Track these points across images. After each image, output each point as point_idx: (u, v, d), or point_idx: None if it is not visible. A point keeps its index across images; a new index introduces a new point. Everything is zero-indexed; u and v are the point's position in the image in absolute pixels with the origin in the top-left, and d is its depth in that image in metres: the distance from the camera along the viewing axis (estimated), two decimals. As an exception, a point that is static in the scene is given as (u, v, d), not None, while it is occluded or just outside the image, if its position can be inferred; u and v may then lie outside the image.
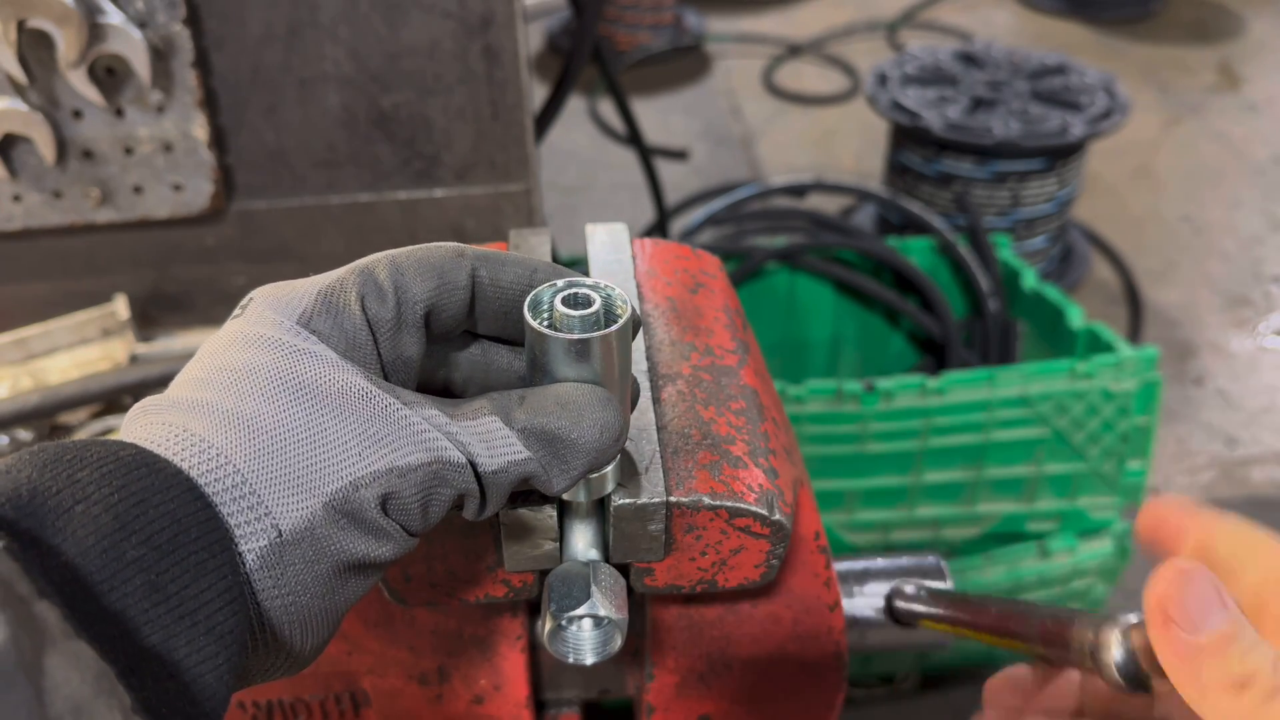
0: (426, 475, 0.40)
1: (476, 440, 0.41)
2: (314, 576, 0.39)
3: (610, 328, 0.42)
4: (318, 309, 0.42)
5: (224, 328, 0.44)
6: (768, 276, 1.65)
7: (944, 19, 3.61)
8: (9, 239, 1.04)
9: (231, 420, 0.39)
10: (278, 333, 0.41)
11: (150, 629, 0.34)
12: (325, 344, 0.42)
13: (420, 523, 0.41)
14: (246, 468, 0.38)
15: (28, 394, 0.98)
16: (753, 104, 3.15)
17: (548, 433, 0.42)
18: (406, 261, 0.44)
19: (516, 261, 0.46)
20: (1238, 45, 3.46)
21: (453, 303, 0.44)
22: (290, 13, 0.99)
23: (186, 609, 0.35)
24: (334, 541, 0.39)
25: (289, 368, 0.40)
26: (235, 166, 1.05)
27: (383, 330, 0.43)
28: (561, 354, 0.42)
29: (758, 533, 0.51)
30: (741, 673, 0.59)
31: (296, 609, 0.39)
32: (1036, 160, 2.11)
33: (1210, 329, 2.24)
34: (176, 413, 0.40)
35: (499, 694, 0.60)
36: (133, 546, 0.34)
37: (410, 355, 0.44)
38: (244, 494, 0.38)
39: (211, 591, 0.36)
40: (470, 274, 0.45)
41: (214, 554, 0.36)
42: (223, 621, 0.36)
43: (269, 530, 0.38)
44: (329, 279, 0.43)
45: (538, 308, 0.43)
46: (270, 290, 0.44)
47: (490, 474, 0.41)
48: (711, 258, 0.66)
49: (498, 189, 1.09)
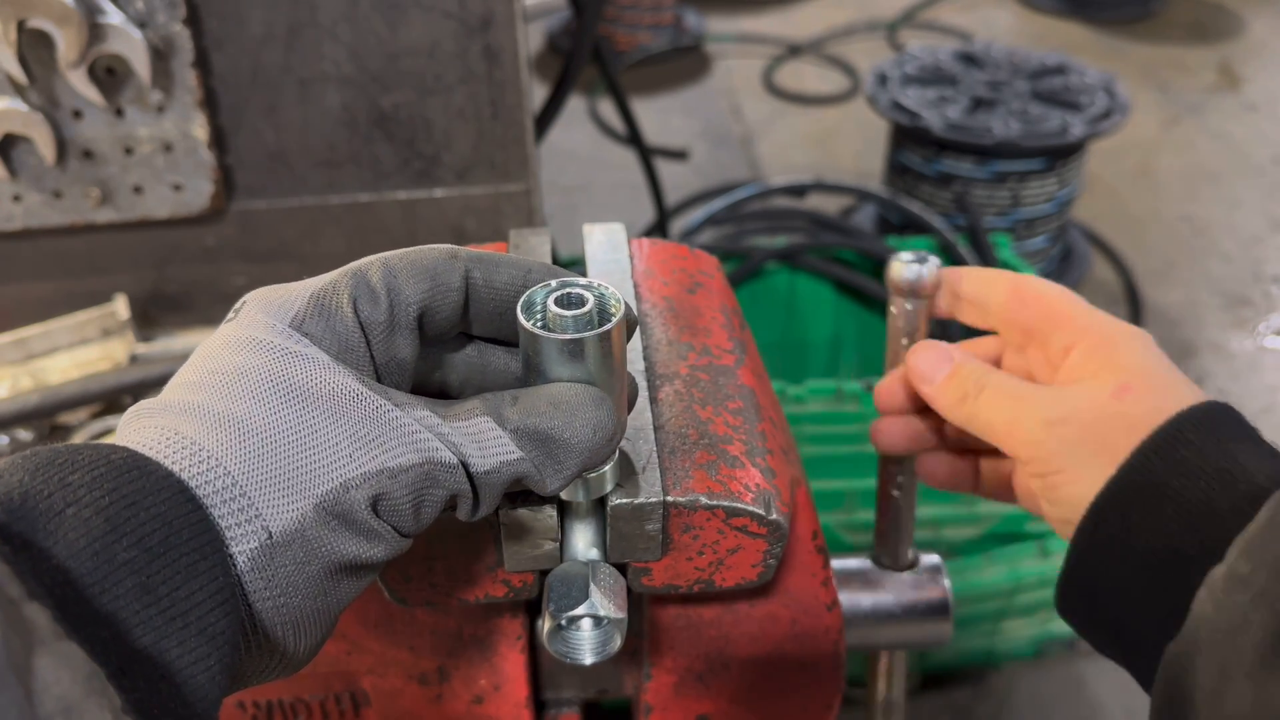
0: (418, 476, 0.40)
1: (468, 441, 0.41)
2: (305, 578, 0.39)
3: (604, 327, 0.42)
4: (310, 312, 0.42)
5: (218, 331, 0.44)
6: (768, 276, 1.66)
7: (944, 19, 3.61)
8: (9, 239, 1.05)
9: (222, 423, 0.39)
10: (270, 335, 0.42)
11: (142, 630, 0.35)
12: (317, 346, 0.42)
13: (412, 524, 0.41)
14: (237, 470, 0.38)
15: (28, 394, 0.98)
16: (753, 104, 3.15)
17: (540, 432, 0.42)
18: (399, 264, 0.44)
19: (511, 263, 0.46)
20: (1238, 45, 3.46)
21: (446, 304, 0.44)
22: (290, 13, 0.99)
23: (178, 610, 0.35)
24: (325, 543, 0.39)
25: (280, 370, 0.41)
26: (235, 166, 1.05)
27: (375, 332, 0.43)
28: (555, 354, 0.42)
29: (755, 532, 0.51)
30: (739, 672, 0.59)
31: (288, 610, 0.39)
32: (1036, 160, 2.11)
33: (1210, 329, 2.25)
34: (168, 416, 0.40)
35: (499, 694, 0.60)
36: (124, 549, 0.35)
37: (404, 357, 0.44)
38: (234, 496, 0.38)
39: (203, 593, 0.36)
40: (464, 276, 0.45)
41: (205, 556, 0.37)
42: (214, 623, 0.36)
43: (259, 532, 0.38)
44: (321, 282, 0.44)
45: (531, 308, 0.43)
46: (263, 294, 0.44)
47: (482, 474, 0.42)
48: (709, 257, 0.66)
49: (498, 189, 1.09)
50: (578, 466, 0.43)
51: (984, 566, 1.36)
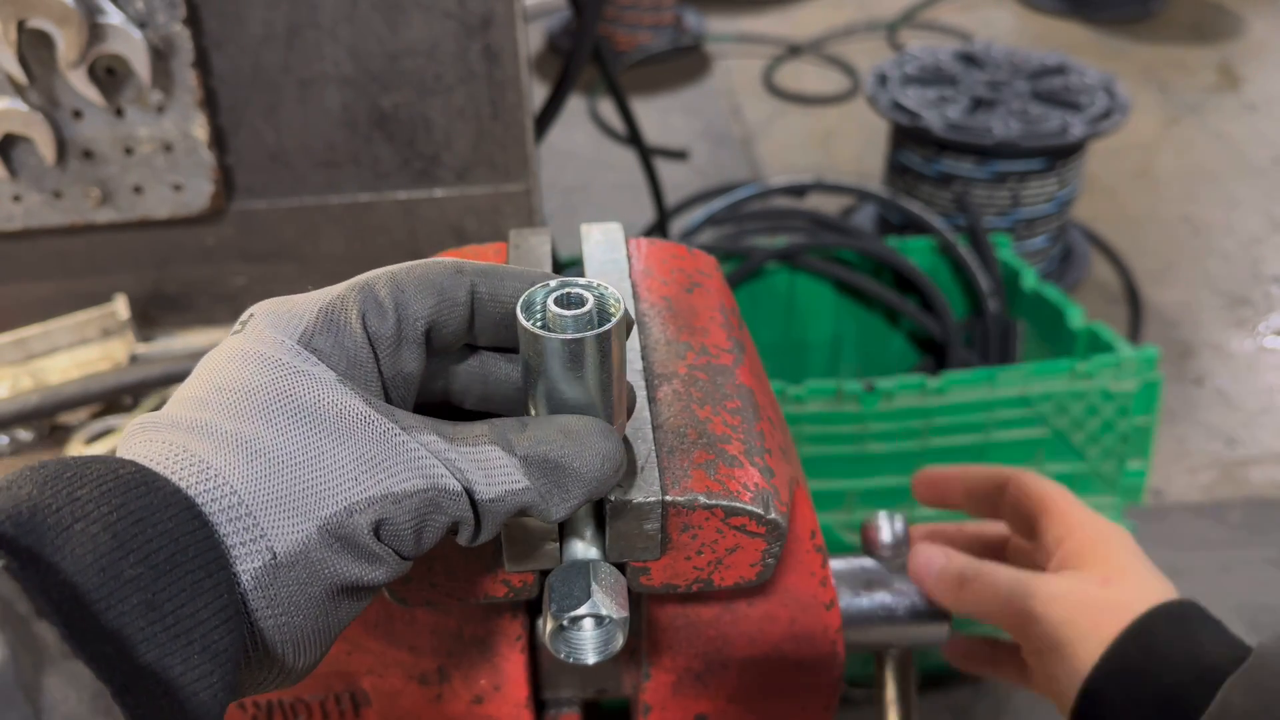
0: (422, 502, 0.40)
1: (474, 467, 0.42)
2: (307, 598, 0.40)
3: (604, 327, 0.42)
4: (319, 327, 0.42)
5: (225, 343, 0.44)
6: (768, 276, 1.65)
7: (944, 19, 3.61)
8: (9, 239, 1.05)
9: (230, 442, 0.39)
10: (278, 352, 0.42)
11: (146, 647, 0.35)
12: (325, 363, 0.42)
13: (413, 548, 0.42)
14: (244, 489, 0.38)
15: (28, 394, 0.99)
16: (753, 104, 3.15)
17: (550, 461, 0.42)
18: (406, 279, 0.44)
19: (515, 275, 0.46)
20: (1238, 45, 3.46)
21: (453, 319, 0.45)
22: (290, 13, 0.99)
23: (182, 627, 0.36)
24: (327, 565, 0.40)
25: (288, 389, 0.41)
26: (235, 166, 1.05)
27: (383, 347, 0.43)
28: (555, 354, 0.42)
29: (753, 532, 0.51)
30: (738, 672, 0.59)
31: (290, 628, 0.40)
32: (1036, 160, 2.11)
33: (1210, 329, 2.24)
34: (176, 432, 0.40)
35: (499, 694, 0.60)
36: (130, 565, 0.35)
37: (410, 371, 0.44)
38: (240, 515, 0.38)
39: (208, 610, 0.36)
40: (470, 290, 0.45)
41: (210, 573, 0.37)
42: (218, 640, 0.37)
43: (264, 552, 0.38)
44: (329, 296, 0.44)
45: (530, 309, 0.43)
46: (271, 306, 0.44)
47: (487, 502, 0.42)
48: (707, 257, 0.66)
49: (498, 189, 1.09)
50: (584, 496, 0.43)
51: (984, 566, 1.36)
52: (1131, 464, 1.33)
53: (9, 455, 1.01)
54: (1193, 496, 1.86)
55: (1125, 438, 1.31)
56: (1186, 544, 1.77)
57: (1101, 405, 1.28)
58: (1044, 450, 1.31)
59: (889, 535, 0.72)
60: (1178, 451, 1.93)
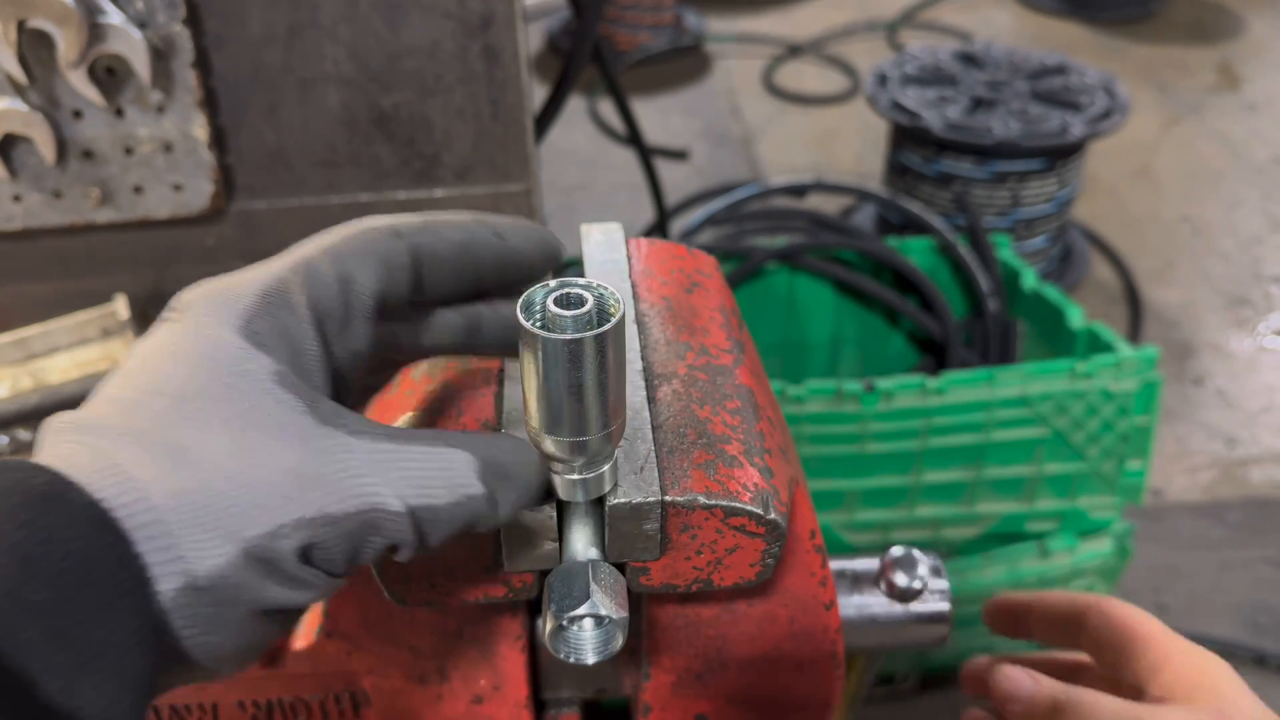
0: (358, 524, 0.38)
1: (420, 478, 0.40)
2: (229, 620, 0.38)
3: (603, 327, 0.42)
4: (260, 311, 0.40)
5: (159, 332, 0.41)
6: (768, 276, 1.65)
7: (944, 19, 3.61)
8: (9, 239, 1.05)
9: (157, 451, 0.37)
10: (215, 349, 0.39)
11: (50, 676, 0.33)
12: (268, 353, 0.40)
13: (344, 569, 0.40)
14: (164, 505, 0.36)
15: (28, 394, 0.99)
16: (753, 104, 3.15)
17: (500, 465, 0.42)
18: (346, 250, 0.43)
19: (453, 226, 0.46)
20: (1238, 45, 3.46)
21: (397, 283, 0.44)
22: (290, 13, 0.99)
23: (92, 652, 0.34)
24: (249, 589, 0.37)
25: (224, 394, 0.39)
26: (235, 166, 1.05)
27: (332, 327, 0.42)
28: (554, 355, 0.42)
29: (753, 532, 0.51)
30: (738, 672, 0.59)
31: (212, 646, 0.38)
32: (1036, 160, 2.11)
33: (1210, 329, 2.25)
34: (102, 437, 0.38)
35: (499, 694, 0.60)
36: (35, 590, 0.33)
37: (359, 349, 0.43)
38: (158, 534, 0.36)
39: (120, 632, 0.35)
40: (409, 252, 0.44)
41: (124, 594, 0.35)
42: (131, 664, 0.35)
43: (181, 575, 0.36)
44: (269, 277, 0.42)
45: (530, 309, 0.43)
46: (207, 291, 0.42)
47: (428, 518, 0.40)
48: (707, 257, 0.66)
49: (498, 189, 1.09)
50: (528, 500, 0.44)
51: (984, 566, 1.36)
52: (1131, 464, 1.33)
53: (9, 455, 1.01)
54: (1192, 496, 1.86)
55: (1125, 438, 1.31)
56: (1186, 544, 1.77)
57: (1101, 405, 1.28)
58: (1044, 450, 1.32)
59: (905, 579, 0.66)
60: (1177, 451, 1.93)
